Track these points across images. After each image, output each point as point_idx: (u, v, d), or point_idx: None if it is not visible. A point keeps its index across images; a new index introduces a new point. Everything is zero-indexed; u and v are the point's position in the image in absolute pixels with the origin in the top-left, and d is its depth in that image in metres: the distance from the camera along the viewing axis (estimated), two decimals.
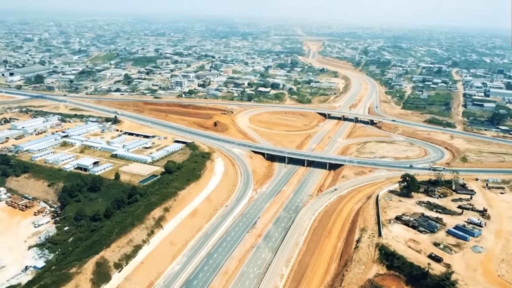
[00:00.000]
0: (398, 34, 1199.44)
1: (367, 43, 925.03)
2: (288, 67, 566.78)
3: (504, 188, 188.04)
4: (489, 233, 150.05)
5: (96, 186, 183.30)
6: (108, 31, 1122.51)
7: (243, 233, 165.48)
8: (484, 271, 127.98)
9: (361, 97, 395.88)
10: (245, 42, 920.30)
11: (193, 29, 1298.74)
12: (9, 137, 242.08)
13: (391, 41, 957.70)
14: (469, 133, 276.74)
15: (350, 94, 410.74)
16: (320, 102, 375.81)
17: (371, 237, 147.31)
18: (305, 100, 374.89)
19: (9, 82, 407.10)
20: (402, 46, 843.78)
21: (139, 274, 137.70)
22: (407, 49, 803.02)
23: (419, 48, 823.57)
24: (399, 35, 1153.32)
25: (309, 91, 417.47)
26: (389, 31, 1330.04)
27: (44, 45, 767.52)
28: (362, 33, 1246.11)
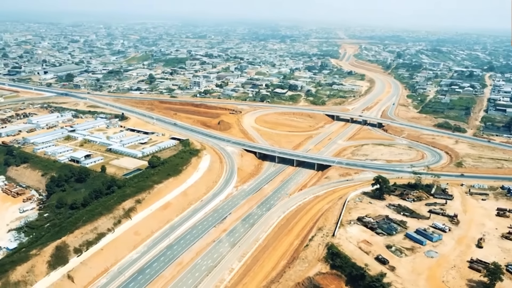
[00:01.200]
0: (443, 37, 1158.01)
1: (407, 46, 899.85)
2: (316, 70, 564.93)
3: (488, 194, 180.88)
4: (451, 238, 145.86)
5: (82, 177, 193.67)
6: (152, 34, 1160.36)
7: (210, 227, 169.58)
8: (429, 276, 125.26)
9: (379, 100, 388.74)
10: (282, 45, 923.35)
11: (236, 31, 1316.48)
12: (22, 130, 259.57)
13: (434, 45, 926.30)
14: (476, 138, 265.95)
15: (369, 97, 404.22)
16: (335, 104, 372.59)
17: (324, 237, 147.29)
18: (319, 102, 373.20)
19: (42, 80, 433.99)
20: (442, 49, 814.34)
21: (97, 259, 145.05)
22: (446, 53, 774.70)
23: (460, 52, 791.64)
24: (444, 39, 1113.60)
25: (328, 93, 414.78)
26: (435, 34, 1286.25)
27: (88, 46, 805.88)
28: (406, 36, 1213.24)
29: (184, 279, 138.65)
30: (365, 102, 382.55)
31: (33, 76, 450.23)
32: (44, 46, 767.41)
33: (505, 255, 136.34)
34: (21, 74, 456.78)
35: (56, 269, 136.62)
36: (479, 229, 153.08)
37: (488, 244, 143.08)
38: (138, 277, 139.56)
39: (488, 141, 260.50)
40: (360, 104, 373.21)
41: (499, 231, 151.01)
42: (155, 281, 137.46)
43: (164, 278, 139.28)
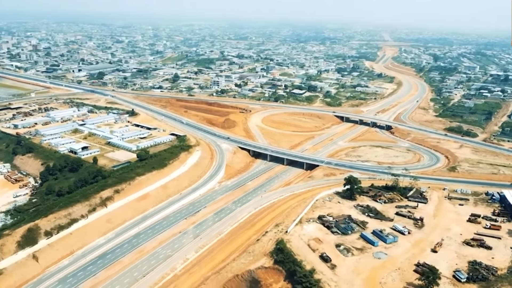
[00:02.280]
0: (494, 41, 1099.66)
1: (450, 49, 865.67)
2: (346, 72, 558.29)
3: (468, 200, 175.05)
4: (407, 241, 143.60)
5: (74, 167, 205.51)
6: (196, 35, 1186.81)
7: (180, 219, 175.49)
8: (368, 277, 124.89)
9: (399, 103, 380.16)
10: (321, 47, 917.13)
11: (279, 33, 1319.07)
12: (37, 122, 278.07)
13: (480, 48, 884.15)
14: (484, 144, 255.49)
15: (390, 99, 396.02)
16: (352, 106, 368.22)
17: (277, 232, 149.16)
18: (335, 103, 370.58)
19: (75, 77, 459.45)
20: (486, 53, 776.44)
21: (64, 243, 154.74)
22: (490, 56, 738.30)
23: (506, 56, 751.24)
24: (494, 42, 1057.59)
25: (348, 95, 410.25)
26: (485, 37, 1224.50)
27: (131, 47, 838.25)
28: (454, 39, 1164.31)
29: (140, 265, 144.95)
30: (383, 104, 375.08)
31: (68, 74, 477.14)
32: (89, 46, 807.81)
33: (459, 261, 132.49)
34: (58, 71, 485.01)
35: (24, 249, 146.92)
36: (442, 233, 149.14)
37: (446, 249, 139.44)
38: (98, 261, 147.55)
39: (495, 146, 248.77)
40: (377, 106, 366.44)
41: (463, 237, 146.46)
42: (112, 266, 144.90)
43: (122, 263, 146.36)
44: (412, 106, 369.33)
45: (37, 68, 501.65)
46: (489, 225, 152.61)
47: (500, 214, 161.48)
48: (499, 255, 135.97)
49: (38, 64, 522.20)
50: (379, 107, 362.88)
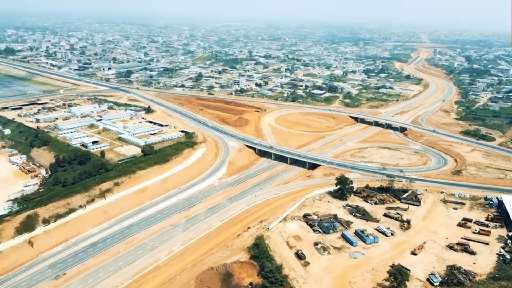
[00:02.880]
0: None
1: (487, 51, 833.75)
2: (374, 73, 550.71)
3: (464, 204, 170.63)
4: (389, 243, 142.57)
5: (82, 160, 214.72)
6: (231, 36, 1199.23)
7: (174, 213, 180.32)
8: (338, 276, 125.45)
9: (421, 105, 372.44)
10: (354, 48, 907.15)
11: (314, 34, 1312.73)
12: (58, 117, 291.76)
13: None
14: (497, 148, 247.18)
15: (412, 101, 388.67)
16: (371, 107, 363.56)
17: (260, 229, 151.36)
18: (354, 104, 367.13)
19: (104, 75, 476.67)
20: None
21: (60, 231, 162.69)
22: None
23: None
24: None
25: (370, 96, 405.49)
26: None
27: (165, 46, 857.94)
28: (496, 41, 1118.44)
29: (126, 255, 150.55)
30: (404, 106, 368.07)
31: (98, 72, 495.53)
32: (125, 45, 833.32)
33: (437, 264, 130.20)
34: (89, 69, 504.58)
35: (22, 235, 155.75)
36: (427, 236, 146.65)
37: (427, 252, 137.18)
38: (89, 249, 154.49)
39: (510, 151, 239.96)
40: (397, 108, 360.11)
41: (448, 241, 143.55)
42: (101, 254, 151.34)
43: (110, 252, 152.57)
44: (434, 108, 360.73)
45: (70, 66, 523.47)
46: (478, 230, 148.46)
47: (494, 220, 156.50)
48: (482, 260, 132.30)
49: (71, 62, 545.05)
50: (398, 109, 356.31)
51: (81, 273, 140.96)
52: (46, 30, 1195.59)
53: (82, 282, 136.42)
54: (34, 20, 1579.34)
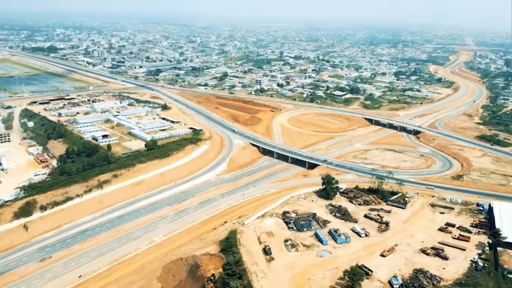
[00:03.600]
0: None
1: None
2: (405, 75, 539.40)
3: (453, 209, 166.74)
4: (360, 243, 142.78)
5: (90, 153, 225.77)
6: (269, 37, 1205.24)
7: (166, 205, 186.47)
8: (299, 272, 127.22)
9: (445, 108, 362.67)
10: (392, 50, 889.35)
11: (354, 36, 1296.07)
12: (79, 112, 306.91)
13: None
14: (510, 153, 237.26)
15: (436, 105, 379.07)
16: (391, 110, 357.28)
17: (236, 223, 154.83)
18: (373, 106, 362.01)
19: (134, 73, 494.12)
20: None
21: (55, 217, 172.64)
22: None
23: None
24: None
25: (393, 98, 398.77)
26: None
27: (202, 47, 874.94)
28: None
29: (111, 243, 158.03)
30: (425, 109, 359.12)
31: (129, 70, 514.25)
32: (163, 45, 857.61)
33: (404, 267, 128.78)
34: (121, 67, 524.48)
35: (19, 219, 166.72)
36: (403, 239, 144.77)
37: (397, 254, 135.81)
38: (78, 235, 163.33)
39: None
40: (417, 110, 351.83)
41: (424, 245, 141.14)
42: (87, 241, 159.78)
43: (96, 240, 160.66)
44: (457, 112, 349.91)
45: (104, 64, 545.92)
46: (457, 236, 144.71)
47: (478, 226, 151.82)
48: (454, 266, 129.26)
49: (106, 61, 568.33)
50: (418, 112, 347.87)
51: (65, 257, 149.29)
52: (93, 29, 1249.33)
53: (64, 265, 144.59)
54: (84, 20, 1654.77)
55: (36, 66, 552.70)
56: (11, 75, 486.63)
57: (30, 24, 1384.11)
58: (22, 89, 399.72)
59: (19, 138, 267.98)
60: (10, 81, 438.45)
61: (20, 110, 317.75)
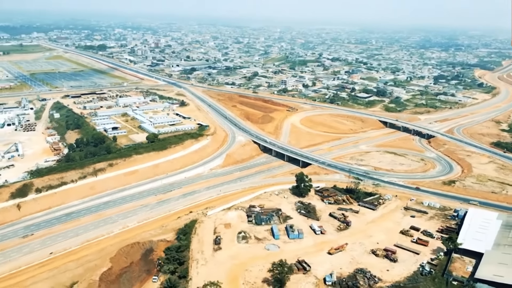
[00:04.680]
0: None
1: None
2: (445, 79, 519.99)
3: (427, 213, 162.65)
4: (313, 240, 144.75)
5: (97, 142, 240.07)
6: (318, 38, 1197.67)
7: (151, 195, 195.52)
8: (240, 263, 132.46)
9: (471, 114, 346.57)
10: (442, 54, 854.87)
11: (408, 39, 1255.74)
12: (103, 106, 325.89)
13: None
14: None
15: (464, 110, 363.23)
16: (414, 113, 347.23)
17: (199, 214, 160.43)
18: (395, 109, 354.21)
19: (170, 71, 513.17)
20: None
21: (47, 199, 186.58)
22: None
23: None
24: None
25: (420, 102, 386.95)
26: None
27: (247, 47, 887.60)
28: None
29: (89, 225, 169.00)
30: (451, 114, 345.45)
31: (166, 68, 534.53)
32: (209, 46, 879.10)
33: (346, 266, 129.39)
34: (160, 66, 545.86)
35: (14, 199, 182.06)
36: (358, 239, 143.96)
37: (345, 253, 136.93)
38: (63, 217, 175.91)
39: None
40: (441, 115, 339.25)
41: (378, 246, 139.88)
42: (70, 222, 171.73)
43: (78, 222, 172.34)
44: (484, 118, 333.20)
45: (145, 62, 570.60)
46: (416, 239, 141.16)
47: (444, 231, 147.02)
48: (400, 269, 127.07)
49: (147, 59, 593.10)
50: (442, 116, 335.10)
51: (45, 235, 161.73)
52: (149, 30, 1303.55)
53: (41, 242, 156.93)
54: (143, 20, 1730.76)
55: (83, 63, 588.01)
56: (58, 71, 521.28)
57: (93, 24, 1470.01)
58: (63, 84, 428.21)
59: (44, 127, 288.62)
60: (56, 76, 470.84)
61: (52, 103, 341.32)
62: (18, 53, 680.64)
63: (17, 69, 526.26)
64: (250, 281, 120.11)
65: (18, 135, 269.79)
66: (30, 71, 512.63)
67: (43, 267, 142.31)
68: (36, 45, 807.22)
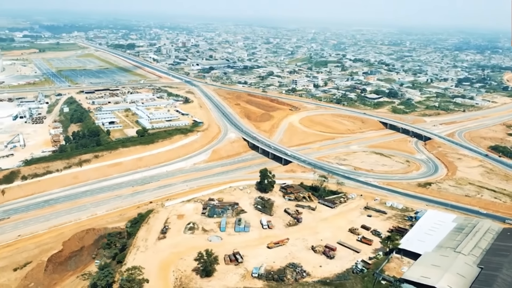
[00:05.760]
0: None
1: None
2: (469, 82, 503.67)
3: (386, 213, 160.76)
4: (257, 234, 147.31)
5: (91, 135, 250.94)
6: (352, 40, 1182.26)
7: (128, 186, 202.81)
8: (177, 252, 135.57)
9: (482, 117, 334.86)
10: (477, 56, 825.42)
11: (446, 41, 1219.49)
12: (110, 101, 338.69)
13: None
14: None
15: (476, 113, 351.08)
16: (422, 115, 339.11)
17: (158, 205, 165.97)
18: (401, 111, 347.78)
19: (189, 70, 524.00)
20: None
21: (31, 186, 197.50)
22: None
23: None
24: None
25: (433, 104, 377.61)
26: None
27: (276, 48, 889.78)
28: None
29: (62, 212, 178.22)
30: (460, 117, 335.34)
31: (186, 67, 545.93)
32: (238, 46, 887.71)
33: (281, 260, 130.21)
34: (181, 65, 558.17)
35: (1, 185, 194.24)
36: (302, 235, 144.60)
37: (284, 248, 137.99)
38: (41, 203, 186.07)
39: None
40: (448, 118, 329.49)
41: (321, 242, 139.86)
42: (45, 208, 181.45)
43: (54, 208, 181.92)
44: (495, 121, 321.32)
45: (167, 61, 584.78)
46: (360, 238, 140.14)
47: (394, 231, 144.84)
48: (333, 266, 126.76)
49: (170, 58, 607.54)
50: (450, 119, 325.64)
51: (20, 219, 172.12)
52: (185, 30, 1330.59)
53: (14, 225, 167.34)
54: (182, 21, 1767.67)
55: (110, 61, 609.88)
56: (84, 68, 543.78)
57: (133, 24, 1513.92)
58: (83, 80, 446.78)
59: (51, 120, 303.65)
60: (80, 73, 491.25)
61: (66, 98, 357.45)
62: (53, 51, 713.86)
63: (47, 66, 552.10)
64: (181, 269, 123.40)
65: (26, 127, 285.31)
66: (58, 68, 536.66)
67: (7, 248, 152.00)
68: (72, 43, 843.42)
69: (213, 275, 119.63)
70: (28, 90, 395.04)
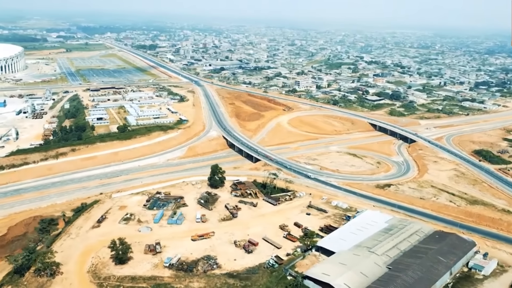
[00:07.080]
0: None
1: None
2: (486, 86, 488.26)
3: (327, 212, 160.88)
4: (187, 227, 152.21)
5: (78, 130, 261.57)
6: (382, 42, 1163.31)
7: (97, 179, 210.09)
8: (103, 239, 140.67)
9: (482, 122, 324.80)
10: (507, 60, 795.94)
11: (481, 44, 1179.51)
12: (110, 99, 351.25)
13: None
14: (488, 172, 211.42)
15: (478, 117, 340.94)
16: (420, 118, 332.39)
17: (106, 196, 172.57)
18: (399, 113, 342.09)
19: (200, 70, 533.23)
20: None
21: (6, 176, 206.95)
22: None
23: None
24: None
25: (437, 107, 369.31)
26: None
27: (299, 50, 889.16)
28: None
29: (26, 200, 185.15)
30: (459, 120, 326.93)
31: (198, 67, 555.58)
32: (260, 47, 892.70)
33: (199, 252, 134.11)
34: (194, 65, 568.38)
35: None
36: (232, 230, 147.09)
37: (208, 241, 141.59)
38: (10, 192, 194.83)
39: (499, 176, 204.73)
40: (445, 121, 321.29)
41: (247, 237, 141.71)
42: (13, 196, 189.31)
43: (20, 197, 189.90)
44: (495, 126, 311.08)
45: (182, 61, 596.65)
46: (285, 235, 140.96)
47: (324, 230, 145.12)
48: (248, 260, 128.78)
49: (185, 59, 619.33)
50: (447, 123, 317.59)
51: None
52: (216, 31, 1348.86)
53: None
54: (215, 23, 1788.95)
55: (130, 61, 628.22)
56: (103, 68, 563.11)
57: (167, 26, 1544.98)
58: (96, 79, 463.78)
59: (51, 116, 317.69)
60: (97, 72, 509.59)
61: (71, 95, 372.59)
62: (79, 51, 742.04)
63: (69, 65, 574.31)
64: (100, 256, 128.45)
65: (24, 121, 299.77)
66: (78, 67, 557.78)
67: None
68: (99, 44, 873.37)
69: (127, 263, 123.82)
70: (40, 88, 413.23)
